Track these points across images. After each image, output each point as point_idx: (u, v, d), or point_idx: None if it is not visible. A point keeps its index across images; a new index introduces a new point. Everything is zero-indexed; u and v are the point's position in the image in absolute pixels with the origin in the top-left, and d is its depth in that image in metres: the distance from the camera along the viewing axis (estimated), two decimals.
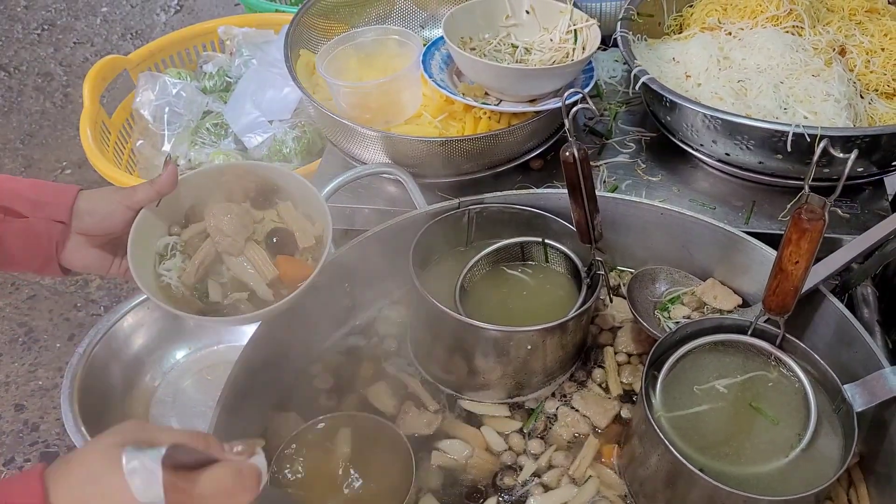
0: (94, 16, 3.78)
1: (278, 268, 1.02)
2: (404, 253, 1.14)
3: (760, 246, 1.16)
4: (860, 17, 1.49)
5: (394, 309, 1.28)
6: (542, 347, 1.09)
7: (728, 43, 1.44)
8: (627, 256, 1.31)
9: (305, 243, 1.04)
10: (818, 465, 0.96)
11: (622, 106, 1.58)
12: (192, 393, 1.78)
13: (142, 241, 0.99)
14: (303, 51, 1.52)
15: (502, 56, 1.41)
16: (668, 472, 0.96)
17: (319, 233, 1.05)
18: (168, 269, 1.02)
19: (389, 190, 1.43)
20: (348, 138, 1.38)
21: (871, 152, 1.23)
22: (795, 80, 1.34)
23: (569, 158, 1.02)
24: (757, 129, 1.23)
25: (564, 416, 1.13)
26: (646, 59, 1.44)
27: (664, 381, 1.02)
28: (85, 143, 1.79)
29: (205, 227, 1.02)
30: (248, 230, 1.03)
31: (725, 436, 0.99)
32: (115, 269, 1.03)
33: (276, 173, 1.07)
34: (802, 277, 0.95)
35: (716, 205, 1.38)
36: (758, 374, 1.05)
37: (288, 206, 1.06)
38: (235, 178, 1.06)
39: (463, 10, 1.41)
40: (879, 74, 1.39)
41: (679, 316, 1.21)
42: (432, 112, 1.40)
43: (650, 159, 1.47)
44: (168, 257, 1.02)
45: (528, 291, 1.21)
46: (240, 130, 1.88)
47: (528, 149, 1.40)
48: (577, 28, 1.39)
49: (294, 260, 1.03)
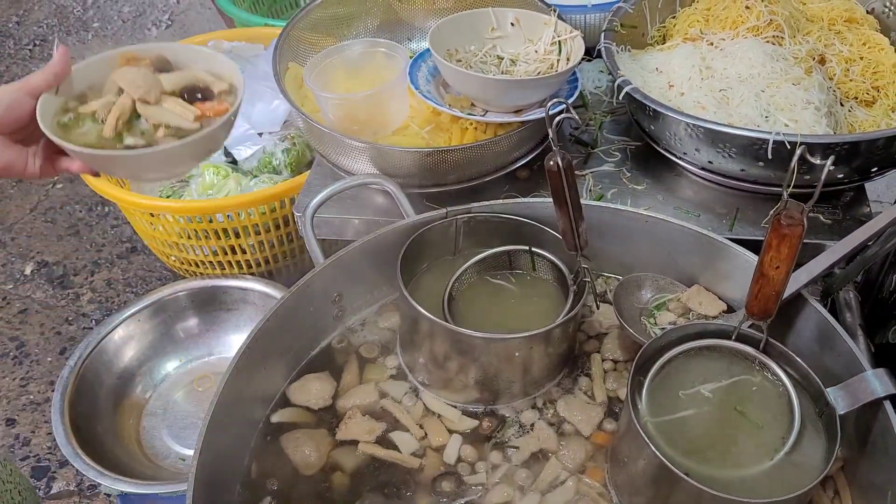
0: (86, 31, 3.79)
1: (198, 108, 1.04)
2: (392, 262, 1.15)
3: (744, 252, 1.18)
4: (839, 27, 1.51)
5: (382, 318, 1.29)
6: (529, 355, 1.10)
7: (710, 53, 1.46)
8: (614, 264, 1.32)
9: (220, 88, 1.06)
10: (803, 469, 0.97)
11: (607, 116, 1.60)
12: (183, 405, 1.79)
13: (48, 120, 1.00)
14: (291, 64, 1.53)
15: (488, 67, 1.43)
16: (655, 477, 0.97)
17: (231, 81, 1.07)
18: (85, 132, 1.01)
19: (377, 200, 1.44)
20: (336, 150, 1.39)
21: (851, 159, 1.25)
22: (776, 88, 1.36)
23: (553, 168, 1.03)
24: (738, 137, 1.25)
25: (540, 430, 1.12)
26: (629, 69, 1.46)
27: (650, 387, 1.03)
28: None
29: (112, 98, 1.03)
30: (160, 85, 1.04)
31: (711, 440, 1.00)
32: (31, 167, 1.04)
33: (168, 49, 1.09)
34: (784, 282, 0.97)
35: (700, 212, 1.39)
36: (742, 378, 1.06)
37: (190, 69, 1.08)
38: (129, 62, 1.07)
39: (449, 23, 1.43)
40: (858, 82, 1.41)
41: (665, 322, 1.22)
42: (419, 123, 1.42)
43: (635, 168, 1.49)
44: (78, 126, 1.02)
45: (515, 299, 1.22)
46: (229, 143, 1.89)
47: (514, 158, 1.42)
48: (561, 39, 1.41)
49: (212, 102, 1.05)
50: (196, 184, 1.86)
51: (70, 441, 1.56)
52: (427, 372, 1.17)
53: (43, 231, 2.74)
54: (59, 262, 2.62)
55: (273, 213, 1.80)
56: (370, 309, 1.30)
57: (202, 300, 1.83)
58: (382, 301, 1.31)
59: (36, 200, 2.87)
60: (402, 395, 1.18)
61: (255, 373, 1.12)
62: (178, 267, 2.01)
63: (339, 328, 1.27)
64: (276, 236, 1.87)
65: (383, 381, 1.20)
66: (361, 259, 1.23)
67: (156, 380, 1.83)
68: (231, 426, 1.07)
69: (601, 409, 1.15)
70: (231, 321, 1.85)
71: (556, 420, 1.14)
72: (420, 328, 1.14)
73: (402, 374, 1.21)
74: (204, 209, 1.76)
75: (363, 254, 1.22)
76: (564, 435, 1.13)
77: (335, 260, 1.20)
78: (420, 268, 1.24)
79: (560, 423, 1.14)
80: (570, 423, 1.13)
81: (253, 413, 1.15)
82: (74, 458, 1.52)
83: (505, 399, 1.15)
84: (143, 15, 3.87)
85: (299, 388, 1.18)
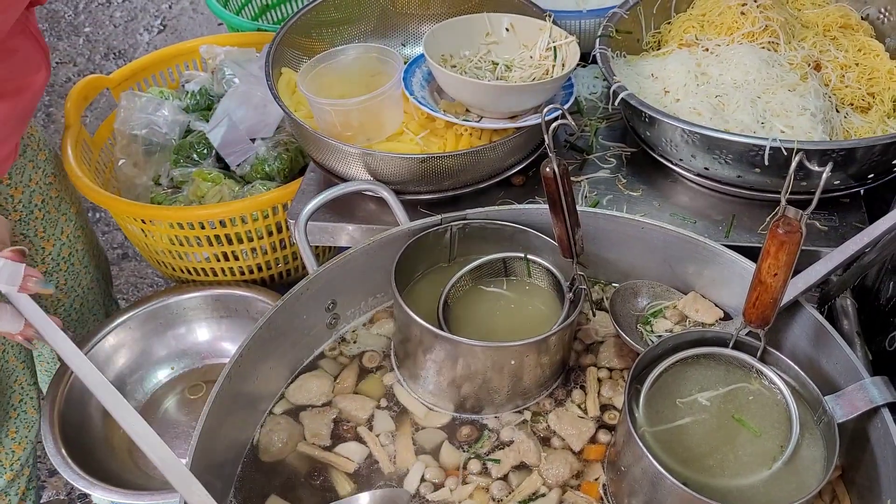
0: (77, 35, 3.77)
1: None
2: (387, 270, 1.14)
3: (741, 259, 1.17)
4: (834, 33, 1.51)
5: (377, 325, 1.28)
6: (524, 363, 1.09)
7: (705, 59, 1.46)
8: (610, 271, 1.31)
9: None
10: (801, 477, 0.96)
11: (602, 122, 1.59)
12: (174, 413, 1.77)
13: None
14: (284, 69, 1.52)
15: (483, 73, 1.42)
16: (653, 486, 0.96)
17: None
18: None
19: (371, 207, 1.43)
20: (330, 156, 1.38)
21: (848, 165, 1.25)
22: (772, 94, 1.35)
23: (549, 174, 1.02)
24: (735, 144, 1.24)
25: (521, 442, 1.10)
26: (625, 75, 1.46)
27: (647, 395, 1.02)
28: (66, 164, 1.78)
29: None
30: None
31: (709, 448, 0.99)
32: None
33: None
34: (781, 289, 0.96)
35: (696, 219, 1.39)
36: (740, 386, 1.05)
37: None
38: None
39: (443, 28, 1.42)
40: (854, 89, 1.41)
41: (661, 329, 1.21)
42: (414, 129, 1.41)
43: (631, 174, 1.48)
44: None
45: (511, 307, 1.21)
46: (222, 149, 1.87)
47: (509, 165, 1.41)
48: (556, 45, 1.41)
49: None
50: (188, 189, 1.85)
51: (59, 450, 1.54)
52: (421, 380, 1.16)
53: None
54: None
55: (266, 219, 1.78)
56: (365, 317, 1.29)
57: (194, 308, 1.81)
58: (377, 308, 1.30)
59: None
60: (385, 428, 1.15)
61: (247, 381, 1.11)
62: (171, 274, 1.99)
63: (333, 336, 1.26)
64: (270, 243, 1.85)
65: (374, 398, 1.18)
66: (355, 266, 1.22)
67: (147, 388, 1.81)
68: (224, 435, 1.05)
69: (593, 423, 1.13)
70: (224, 329, 1.83)
71: (546, 433, 1.13)
72: (414, 336, 1.13)
73: (391, 395, 1.18)
74: (196, 216, 1.75)
75: (357, 261, 1.21)
76: (553, 449, 1.11)
77: (329, 267, 1.19)
78: (415, 275, 1.23)
79: (550, 436, 1.12)
80: (560, 436, 1.12)
81: (247, 421, 1.13)
82: (64, 467, 1.50)
83: (497, 409, 1.14)
84: (134, 20, 3.85)
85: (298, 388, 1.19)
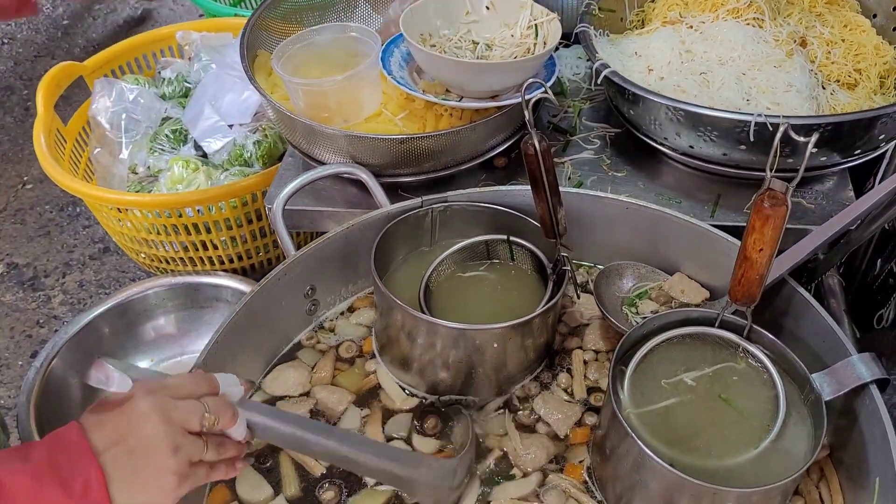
0: (56, 28, 3.71)
1: None
2: (367, 254, 1.11)
3: (726, 238, 1.15)
4: (820, 9, 1.49)
5: (357, 312, 1.25)
6: (507, 346, 1.07)
7: (690, 36, 1.43)
8: (594, 253, 1.29)
9: None
10: (789, 456, 0.94)
11: (586, 103, 1.57)
12: None
13: None
14: (261, 52, 1.49)
15: (463, 53, 1.39)
16: (638, 468, 0.94)
17: None
18: None
19: (351, 190, 1.40)
20: (308, 138, 1.35)
21: (834, 141, 1.23)
22: (757, 71, 1.33)
23: (530, 150, 1.00)
24: (720, 120, 1.22)
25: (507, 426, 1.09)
26: (608, 54, 1.43)
27: (632, 377, 1.00)
28: (39, 152, 1.74)
29: None
30: None
31: (695, 429, 0.97)
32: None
33: None
34: (767, 265, 0.94)
35: (682, 199, 1.37)
36: (726, 365, 1.03)
37: None
38: None
39: (422, 7, 1.39)
40: (840, 65, 1.39)
41: (647, 311, 1.19)
42: (393, 110, 1.38)
43: (615, 155, 1.46)
44: None
45: (494, 290, 1.19)
46: (199, 136, 1.84)
47: (491, 146, 1.38)
48: (538, 23, 1.38)
49: None
50: (165, 178, 1.81)
51: None
52: (404, 365, 1.14)
53: (12, 232, 2.67)
54: (29, 263, 2.55)
55: (245, 206, 1.75)
56: (344, 304, 1.26)
57: (173, 298, 1.78)
58: (358, 295, 1.27)
59: (5, 201, 2.79)
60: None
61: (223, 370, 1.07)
62: (149, 265, 1.95)
63: (311, 324, 1.23)
64: (249, 231, 1.82)
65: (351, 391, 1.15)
66: (335, 251, 1.19)
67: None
68: None
69: (579, 407, 1.11)
70: (204, 319, 1.80)
71: (531, 419, 1.10)
72: (395, 320, 1.10)
73: (363, 400, 1.14)
74: (173, 203, 1.71)
75: (336, 245, 1.19)
76: (538, 434, 1.09)
77: (307, 252, 1.16)
78: (396, 259, 1.21)
79: (535, 423, 1.10)
80: (546, 422, 1.09)
81: None
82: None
83: (481, 393, 1.12)
84: (114, 12, 3.79)
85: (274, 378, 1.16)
